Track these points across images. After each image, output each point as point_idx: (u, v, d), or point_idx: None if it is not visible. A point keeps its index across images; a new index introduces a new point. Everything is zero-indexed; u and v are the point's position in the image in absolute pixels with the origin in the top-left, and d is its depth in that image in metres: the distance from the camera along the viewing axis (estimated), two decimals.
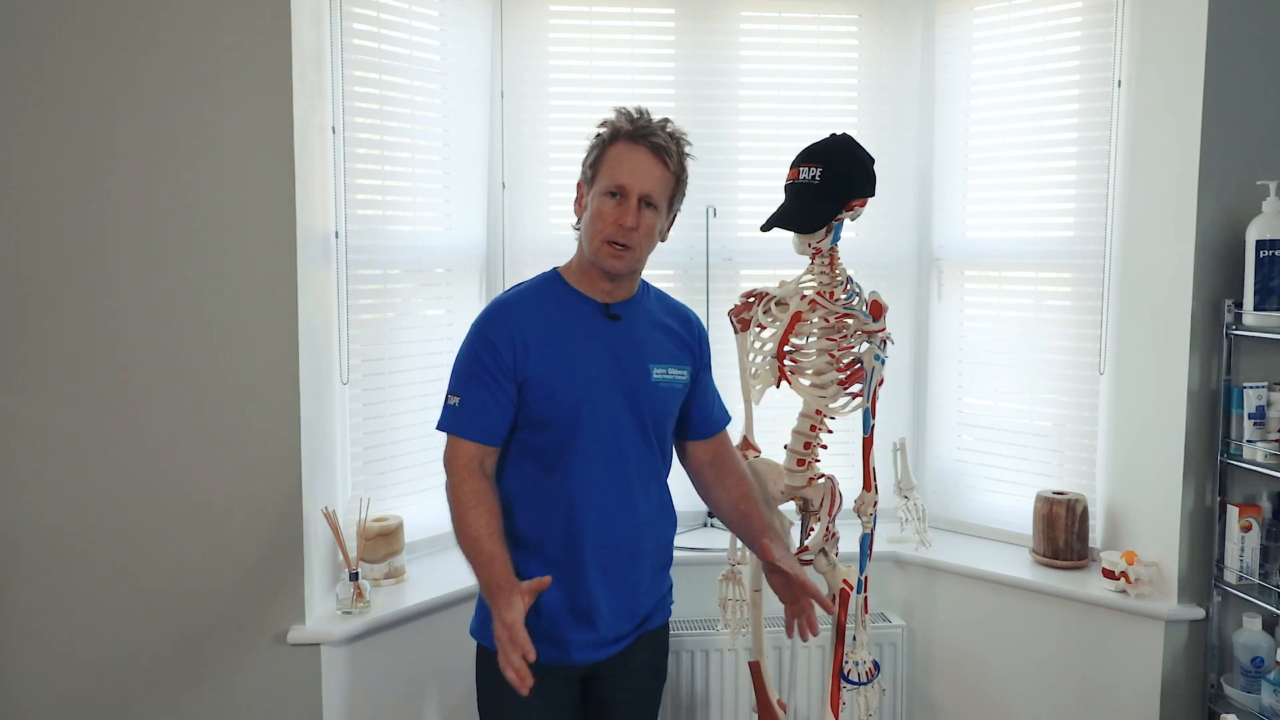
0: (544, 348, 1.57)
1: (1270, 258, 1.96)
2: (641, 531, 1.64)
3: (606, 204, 1.57)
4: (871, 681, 1.88)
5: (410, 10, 2.30)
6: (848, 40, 2.59)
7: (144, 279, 1.90)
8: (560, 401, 1.57)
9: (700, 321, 1.79)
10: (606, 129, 1.61)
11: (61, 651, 1.94)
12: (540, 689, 1.57)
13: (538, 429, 1.59)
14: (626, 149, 1.58)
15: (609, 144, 1.59)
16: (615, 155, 1.58)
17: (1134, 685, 2.16)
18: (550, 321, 1.60)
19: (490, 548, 1.52)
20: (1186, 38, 2.07)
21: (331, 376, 2.16)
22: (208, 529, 1.95)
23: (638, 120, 1.60)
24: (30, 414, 1.90)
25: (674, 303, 1.77)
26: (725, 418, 1.81)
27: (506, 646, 1.42)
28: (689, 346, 1.73)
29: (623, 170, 1.57)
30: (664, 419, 1.68)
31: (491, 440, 1.59)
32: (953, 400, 2.62)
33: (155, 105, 1.88)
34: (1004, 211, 2.51)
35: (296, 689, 1.99)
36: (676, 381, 1.67)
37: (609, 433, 1.60)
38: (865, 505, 1.85)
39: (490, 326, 1.60)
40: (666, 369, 1.66)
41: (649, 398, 1.63)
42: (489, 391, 1.57)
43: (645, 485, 1.65)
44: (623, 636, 1.66)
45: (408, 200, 2.35)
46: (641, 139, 1.57)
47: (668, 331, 1.70)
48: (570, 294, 1.64)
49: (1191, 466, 2.10)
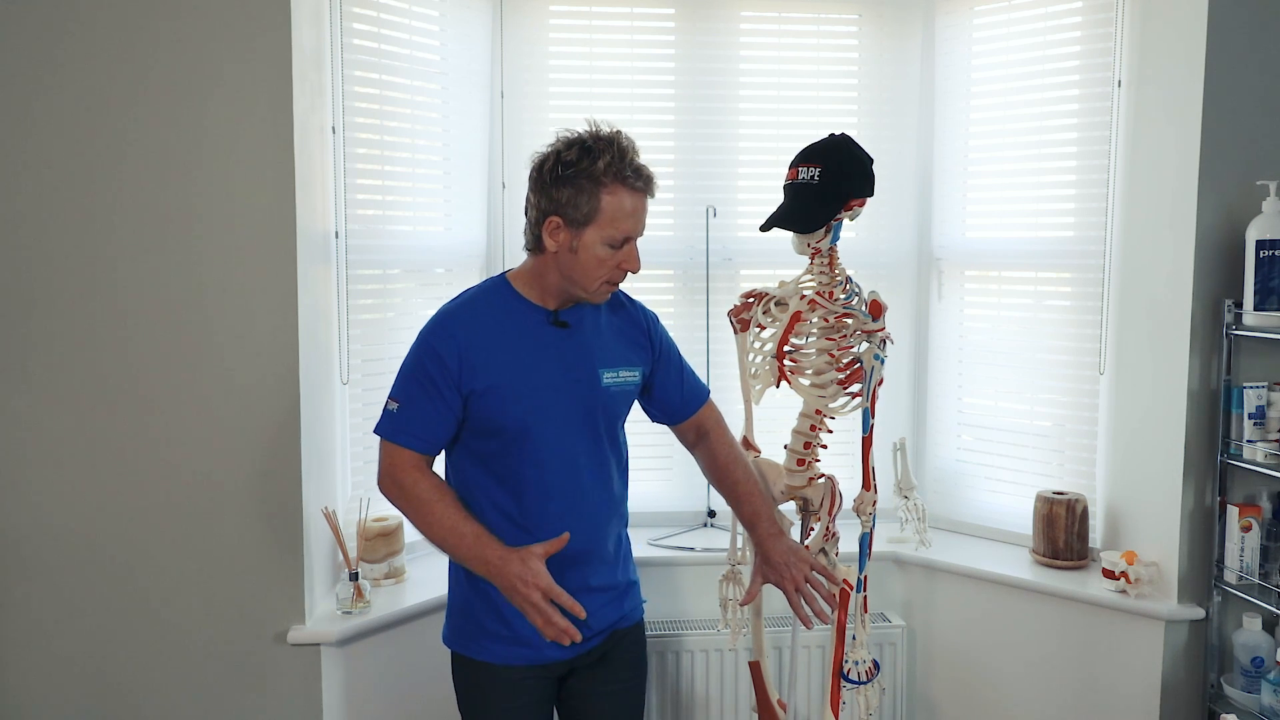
0: (491, 359, 1.56)
1: (1270, 258, 1.96)
2: (598, 533, 1.65)
3: (608, 252, 1.53)
4: (871, 681, 1.88)
5: (410, 10, 2.30)
6: (848, 40, 2.59)
7: (144, 279, 1.91)
8: (509, 412, 1.56)
9: (644, 308, 1.76)
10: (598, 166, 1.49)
11: (61, 650, 1.94)
12: (517, 690, 1.60)
13: (487, 437, 1.59)
14: (628, 198, 1.51)
15: (603, 187, 1.50)
16: (616, 204, 1.50)
17: (1134, 685, 2.16)
18: (498, 332, 1.58)
19: (472, 528, 1.53)
20: (1186, 38, 2.07)
21: (331, 376, 2.16)
22: (208, 528, 1.95)
23: (635, 162, 1.52)
24: (30, 412, 1.90)
25: (620, 297, 1.73)
26: (698, 397, 1.80)
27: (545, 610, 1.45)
28: (638, 344, 1.71)
29: (629, 221, 1.52)
30: (616, 421, 1.69)
31: (428, 450, 1.60)
32: (953, 400, 2.62)
33: (155, 106, 1.88)
34: (1004, 211, 2.50)
35: (296, 689, 1.99)
36: (627, 383, 1.67)
37: (559, 440, 1.59)
38: (865, 505, 1.85)
39: (436, 338, 1.57)
40: (617, 372, 1.65)
41: (600, 401, 1.63)
42: (430, 401, 1.56)
43: (598, 488, 1.65)
44: (594, 635, 1.66)
45: (408, 200, 2.35)
46: (629, 181, 1.51)
47: (617, 332, 1.69)
48: (518, 302, 1.62)
49: (1191, 466, 2.10)
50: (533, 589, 1.47)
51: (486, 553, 1.50)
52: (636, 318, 1.73)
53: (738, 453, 1.80)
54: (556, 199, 1.52)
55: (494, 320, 1.59)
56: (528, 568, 1.47)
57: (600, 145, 1.51)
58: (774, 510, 1.79)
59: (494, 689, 1.63)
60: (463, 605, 1.66)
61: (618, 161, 1.50)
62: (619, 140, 1.53)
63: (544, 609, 1.46)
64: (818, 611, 1.70)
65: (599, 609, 1.64)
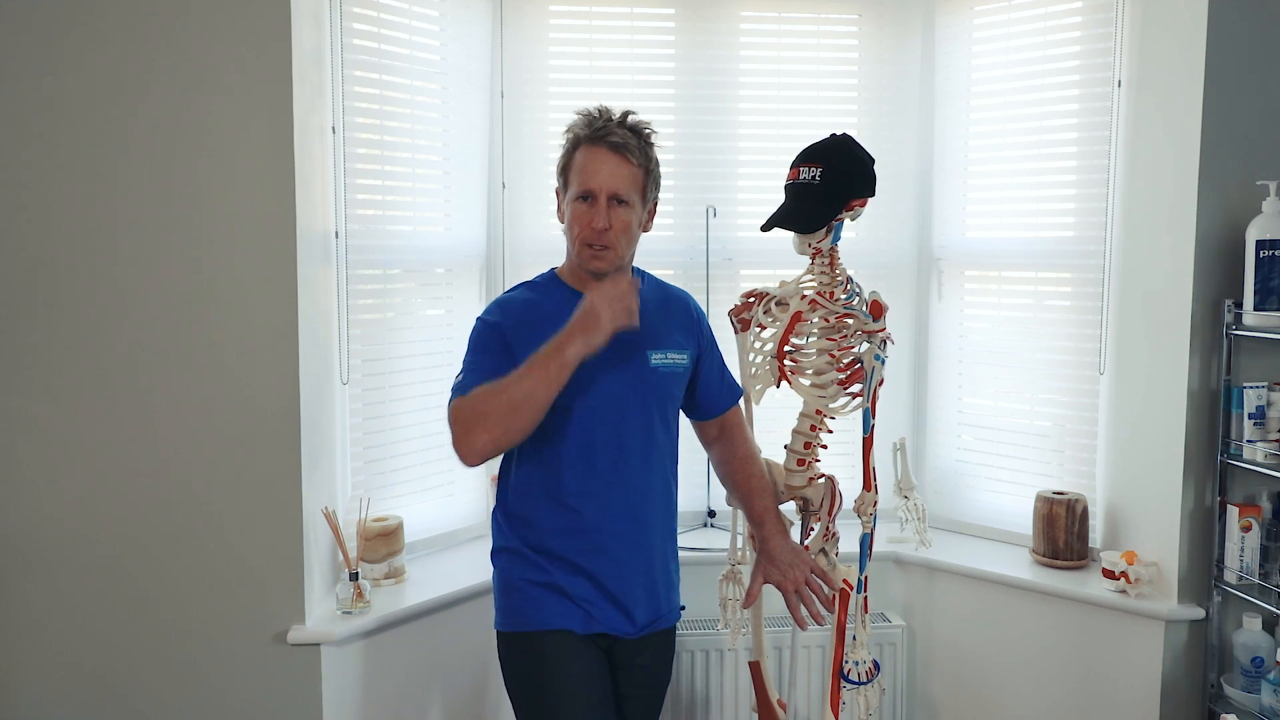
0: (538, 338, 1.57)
1: (1270, 258, 1.96)
2: (642, 513, 1.69)
3: (579, 209, 1.62)
4: (871, 681, 1.88)
5: (410, 10, 2.30)
6: (848, 40, 2.59)
7: (144, 279, 1.90)
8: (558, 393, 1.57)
9: (697, 304, 1.84)
10: (570, 134, 1.65)
11: (61, 650, 1.94)
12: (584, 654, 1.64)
13: None
14: (589, 152, 1.62)
15: (574, 149, 1.64)
16: (580, 160, 1.63)
17: (1134, 685, 2.16)
18: (547, 318, 1.61)
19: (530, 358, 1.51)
20: (1186, 38, 2.07)
21: (331, 376, 2.16)
22: (208, 528, 1.95)
23: (595, 121, 1.63)
24: (30, 412, 1.90)
25: (670, 288, 1.81)
26: (733, 396, 1.85)
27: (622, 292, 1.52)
28: (688, 330, 1.76)
29: (588, 174, 1.61)
30: (666, 402, 1.72)
31: None
32: (953, 400, 2.62)
33: (156, 106, 1.88)
34: (1004, 212, 2.51)
35: (296, 689, 1.99)
36: (677, 365, 1.71)
37: (605, 419, 1.63)
38: (865, 505, 1.85)
39: (491, 314, 1.68)
40: (665, 354, 1.69)
41: (650, 383, 1.67)
42: (494, 358, 1.60)
43: (647, 472, 1.69)
44: (643, 626, 1.70)
45: (408, 200, 2.35)
46: (600, 140, 1.61)
47: (666, 315, 1.73)
48: (566, 292, 1.68)
49: (1191, 466, 2.10)
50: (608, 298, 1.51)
51: (554, 342, 1.50)
52: (686, 304, 1.80)
53: (755, 450, 1.85)
54: (559, 166, 1.67)
55: (542, 307, 1.66)
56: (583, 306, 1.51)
57: (582, 113, 1.65)
58: (780, 511, 1.80)
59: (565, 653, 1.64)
60: (519, 585, 1.67)
61: (588, 121, 1.63)
62: (602, 109, 1.64)
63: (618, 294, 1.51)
64: (814, 614, 1.73)
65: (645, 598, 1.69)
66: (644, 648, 1.73)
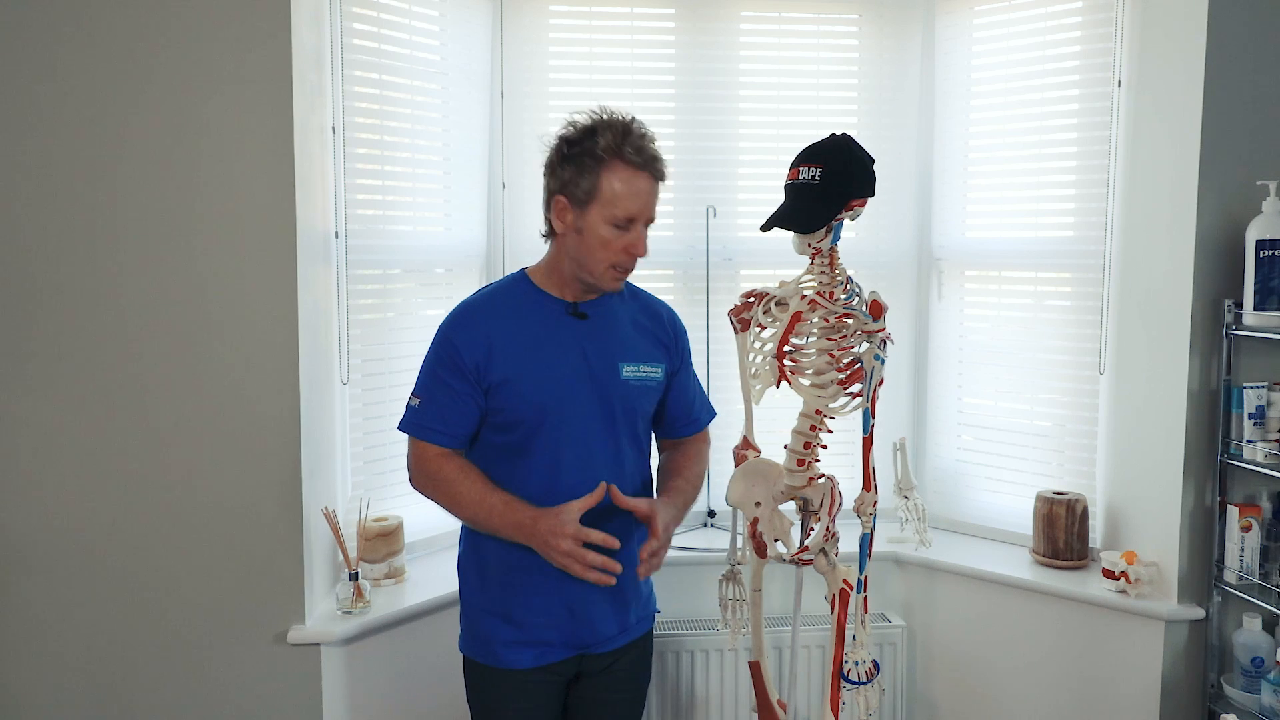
0: (509, 351, 1.57)
1: (1270, 258, 1.96)
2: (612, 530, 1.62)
3: (613, 234, 1.54)
4: (871, 681, 1.87)
5: (410, 10, 2.30)
6: (848, 40, 2.59)
7: (144, 279, 1.90)
8: (528, 401, 1.57)
9: (675, 316, 1.78)
10: (599, 143, 1.51)
11: (61, 650, 1.94)
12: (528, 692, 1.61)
13: (507, 430, 1.59)
14: (630, 176, 1.52)
15: (603, 164, 1.52)
16: (619, 183, 1.52)
17: (1134, 685, 2.16)
18: (517, 323, 1.59)
19: (500, 497, 1.54)
20: (1186, 38, 2.07)
21: (331, 376, 2.16)
22: (208, 528, 1.95)
23: (637, 140, 1.53)
24: (30, 412, 1.90)
25: (648, 298, 1.76)
26: (707, 416, 1.81)
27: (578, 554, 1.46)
28: (663, 343, 1.72)
29: (633, 202, 1.53)
30: (635, 417, 1.67)
31: (453, 443, 1.61)
32: (953, 400, 2.62)
33: (156, 106, 1.88)
34: (1004, 211, 2.51)
35: (296, 689, 1.99)
36: (649, 379, 1.67)
37: (576, 431, 1.59)
38: (865, 505, 1.84)
39: (455, 331, 1.60)
40: (638, 366, 1.65)
41: (619, 395, 1.63)
42: (451, 395, 1.57)
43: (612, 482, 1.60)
44: (610, 637, 1.67)
45: (408, 200, 2.35)
46: (645, 166, 1.53)
47: (640, 328, 1.69)
48: (537, 295, 1.64)
49: (1191, 466, 2.10)
50: (561, 538, 1.47)
51: (518, 516, 1.52)
52: (663, 318, 1.74)
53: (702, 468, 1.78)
54: (561, 177, 1.56)
55: (512, 312, 1.61)
56: (557, 520, 1.48)
57: (603, 124, 1.54)
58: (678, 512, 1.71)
59: (506, 692, 1.64)
60: (474, 613, 1.68)
61: (619, 139, 1.52)
62: (625, 122, 1.54)
63: (577, 553, 1.47)
64: None
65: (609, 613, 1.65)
66: (617, 656, 1.71)
